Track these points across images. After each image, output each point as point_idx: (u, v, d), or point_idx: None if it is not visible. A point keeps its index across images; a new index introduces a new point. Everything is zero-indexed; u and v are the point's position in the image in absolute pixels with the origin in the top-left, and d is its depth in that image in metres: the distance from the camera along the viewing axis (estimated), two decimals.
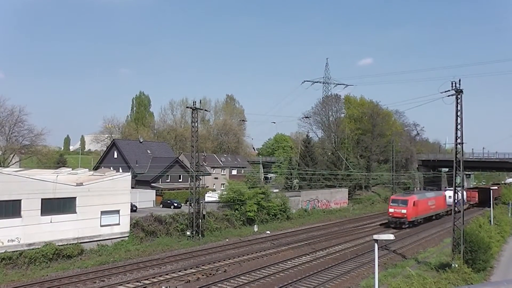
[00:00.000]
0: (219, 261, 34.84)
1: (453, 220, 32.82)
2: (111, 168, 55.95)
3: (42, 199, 33.35)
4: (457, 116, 31.92)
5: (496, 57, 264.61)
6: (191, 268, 32.19)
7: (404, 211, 53.64)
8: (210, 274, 30.93)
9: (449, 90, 31.48)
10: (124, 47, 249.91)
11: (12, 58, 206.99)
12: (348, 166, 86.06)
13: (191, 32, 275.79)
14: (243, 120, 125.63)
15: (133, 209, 47.05)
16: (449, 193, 63.74)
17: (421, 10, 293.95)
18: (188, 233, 43.04)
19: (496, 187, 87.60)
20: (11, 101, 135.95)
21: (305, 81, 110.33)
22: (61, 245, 33.55)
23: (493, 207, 54.44)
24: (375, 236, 16.98)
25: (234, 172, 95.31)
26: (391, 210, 55.04)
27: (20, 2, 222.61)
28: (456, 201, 56.31)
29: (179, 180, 71.91)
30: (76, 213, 35.46)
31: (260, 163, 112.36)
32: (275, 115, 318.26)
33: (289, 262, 34.84)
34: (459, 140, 32.33)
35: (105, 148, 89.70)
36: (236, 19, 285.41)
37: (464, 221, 33.50)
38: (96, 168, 69.16)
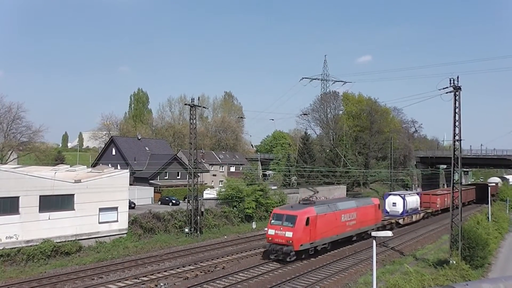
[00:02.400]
0: (217, 258, 34.88)
1: (451, 217, 32.86)
2: (109, 165, 56.02)
3: (40, 196, 33.29)
4: (455, 113, 31.93)
5: (494, 54, 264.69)
6: (189, 265, 32.21)
7: (289, 234, 32.98)
8: (209, 271, 30.95)
9: (447, 87, 31.50)
10: (123, 44, 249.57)
11: (10, 55, 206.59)
12: (346, 163, 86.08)
13: (190, 29, 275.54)
14: (241, 117, 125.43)
15: (131, 206, 46.96)
16: (393, 199, 55.62)
17: (420, 7, 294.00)
18: (186, 230, 43.05)
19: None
20: (9, 98, 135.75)
21: (303, 78, 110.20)
22: (59, 242, 33.53)
23: (491, 204, 54.47)
24: (373, 233, 17.03)
25: (233, 169, 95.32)
26: (271, 231, 34.20)
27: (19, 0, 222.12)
28: (405, 209, 53.76)
29: (178, 177, 71.85)
30: (74, 210, 35.41)
31: (258, 160, 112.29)
32: (273, 112, 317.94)
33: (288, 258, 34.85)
34: (457, 137, 32.34)
35: (103, 145, 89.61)
36: (234, 16, 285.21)
37: (462, 218, 33.53)
38: (94, 165, 69.07)
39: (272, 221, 34.88)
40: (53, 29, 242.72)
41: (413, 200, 57.72)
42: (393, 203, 54.88)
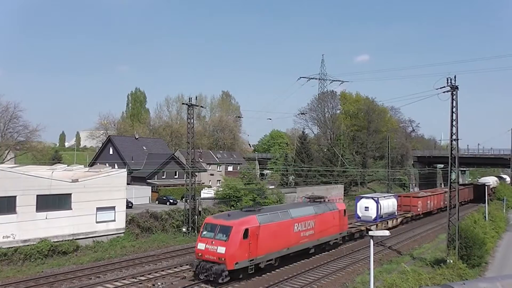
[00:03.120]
0: None
1: (448, 216, 32.92)
2: (107, 165, 55.86)
3: (37, 196, 33.22)
4: (452, 112, 31.98)
5: (492, 53, 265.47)
6: (186, 265, 32.15)
7: (222, 249, 26.76)
8: None
9: (444, 87, 31.53)
10: (120, 43, 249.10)
11: (7, 54, 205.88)
12: (343, 163, 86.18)
13: (187, 28, 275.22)
14: (239, 117, 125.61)
15: (129, 205, 46.96)
16: (366, 202, 48.36)
17: (418, 7, 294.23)
18: (184, 229, 43.04)
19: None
20: (6, 97, 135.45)
21: (301, 77, 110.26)
22: (57, 242, 33.47)
23: (488, 204, 54.53)
24: (371, 233, 17.06)
25: (230, 168, 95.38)
26: (200, 246, 27.89)
27: None
28: (378, 214, 47.35)
29: (175, 177, 71.84)
30: (71, 209, 35.34)
31: (256, 160, 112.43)
32: (271, 111, 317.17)
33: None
34: (454, 137, 32.38)
35: (100, 145, 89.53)
36: (232, 15, 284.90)
37: (459, 217, 33.59)
38: (91, 165, 68.94)
39: (204, 232, 28.37)
40: (50, 28, 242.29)
41: (389, 203, 49.93)
42: (365, 207, 47.48)
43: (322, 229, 35.50)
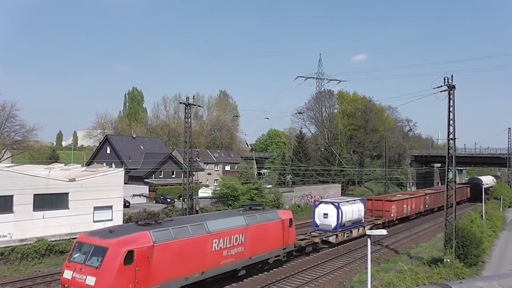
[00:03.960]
0: None
1: (445, 215, 32.99)
2: (104, 164, 55.81)
3: (34, 195, 33.14)
4: (449, 111, 32.03)
5: (489, 53, 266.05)
6: None
7: (91, 280, 18.89)
8: None
9: (441, 86, 31.59)
10: (117, 43, 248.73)
11: (5, 53, 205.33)
12: (341, 162, 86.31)
13: (185, 28, 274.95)
14: (236, 116, 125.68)
15: (126, 204, 46.95)
16: (325, 208, 40.46)
17: (415, 6, 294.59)
18: None
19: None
20: (3, 96, 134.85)
21: (298, 76, 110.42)
22: (54, 241, 33.41)
23: (484, 203, 54.68)
24: (368, 232, 17.07)
25: (228, 167, 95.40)
26: (67, 274, 19.96)
27: None
28: (339, 222, 39.24)
29: (172, 176, 71.83)
30: (68, 208, 35.29)
31: (253, 159, 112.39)
32: (268, 110, 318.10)
33: None
34: (451, 136, 32.45)
35: (97, 144, 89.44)
36: (230, 15, 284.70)
37: (456, 216, 33.67)
38: (88, 164, 68.95)
39: (73, 255, 20.43)
40: (48, 27, 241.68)
41: (353, 209, 42.38)
42: (324, 214, 39.99)
43: (256, 244, 27.81)
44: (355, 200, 44.95)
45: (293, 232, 32.31)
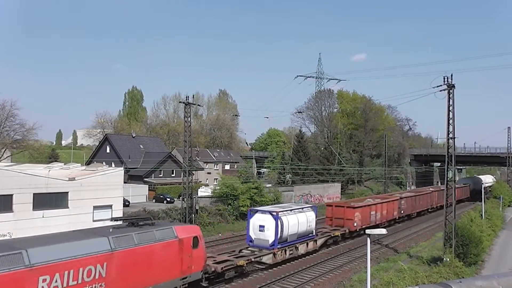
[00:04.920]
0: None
1: (445, 214, 33.00)
2: (104, 163, 55.77)
3: (34, 194, 33.11)
4: (449, 111, 32.04)
5: (489, 52, 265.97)
6: None
7: None
8: None
9: (441, 85, 31.60)
10: (117, 42, 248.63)
11: (4, 52, 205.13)
12: (340, 161, 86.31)
13: (184, 27, 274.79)
14: (236, 115, 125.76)
15: (126, 204, 46.96)
16: (261, 219, 32.07)
17: (415, 5, 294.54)
18: None
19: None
20: (2, 95, 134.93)
21: (298, 76, 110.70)
22: None
23: (484, 202, 54.65)
24: (368, 231, 17.08)
25: (227, 167, 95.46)
26: None
27: None
28: (278, 236, 30.85)
29: (172, 175, 71.85)
30: (68, 208, 35.26)
31: (253, 158, 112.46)
32: (268, 110, 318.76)
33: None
34: (451, 135, 32.46)
35: (97, 143, 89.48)
36: (229, 14, 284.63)
37: (456, 215, 33.68)
38: (88, 163, 68.93)
39: None
40: (46, 25, 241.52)
41: (300, 219, 33.99)
42: (260, 226, 31.54)
43: (130, 277, 19.95)
44: (303, 208, 36.17)
45: (200, 255, 23.73)
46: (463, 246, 31.12)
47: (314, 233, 36.02)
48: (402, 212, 54.19)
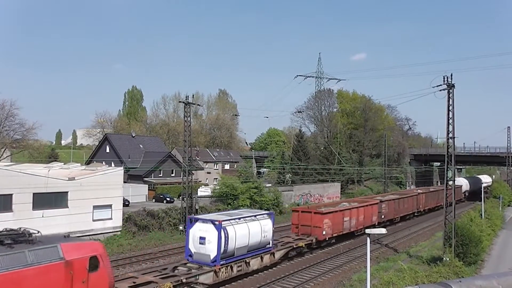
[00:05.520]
0: None
1: (445, 214, 33.02)
2: (103, 163, 55.85)
3: (33, 194, 33.16)
4: (448, 110, 32.04)
5: (488, 51, 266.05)
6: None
7: None
8: None
9: (441, 85, 31.60)
10: (117, 42, 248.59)
11: (4, 51, 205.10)
12: (340, 161, 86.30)
13: (184, 26, 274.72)
14: (235, 115, 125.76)
15: (126, 203, 46.95)
16: (202, 229, 26.63)
17: (414, 5, 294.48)
18: (180, 227, 42.97)
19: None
20: (2, 95, 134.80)
21: (298, 75, 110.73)
22: None
23: (484, 202, 54.63)
24: (368, 231, 17.09)
25: (227, 166, 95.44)
26: None
27: None
28: (220, 250, 25.61)
29: (172, 175, 71.82)
30: (68, 207, 35.31)
31: (253, 158, 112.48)
32: (268, 109, 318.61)
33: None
34: (450, 135, 32.46)
35: (97, 143, 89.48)
36: (229, 13, 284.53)
37: (456, 215, 33.69)
38: (88, 163, 68.95)
39: None
40: (46, 25, 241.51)
41: (252, 229, 28.60)
42: (201, 238, 26.42)
43: None
44: (256, 216, 30.31)
45: (101, 280, 17.85)
46: (463, 245, 31.14)
47: (271, 245, 30.62)
48: (383, 217, 48.95)
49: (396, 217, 53.17)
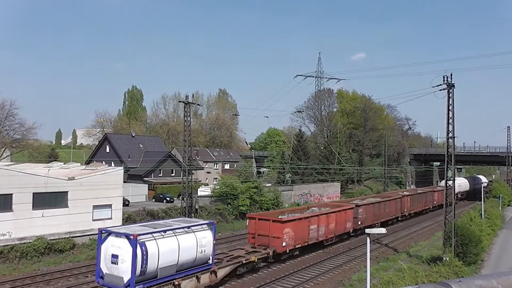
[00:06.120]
0: None
1: (445, 213, 33.04)
2: (103, 163, 55.82)
3: (33, 193, 33.16)
4: (448, 110, 32.07)
5: (488, 51, 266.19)
6: None
7: None
8: None
9: (440, 85, 31.65)
10: (117, 41, 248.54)
11: (3, 51, 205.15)
12: (340, 160, 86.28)
13: (184, 26, 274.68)
14: (235, 115, 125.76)
15: (126, 203, 46.96)
16: (115, 245, 21.01)
17: (414, 4, 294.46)
18: None
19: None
20: (2, 95, 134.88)
21: (297, 75, 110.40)
22: (53, 239, 33.41)
23: (484, 201, 54.63)
24: (367, 230, 17.11)
25: (227, 166, 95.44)
26: None
27: None
28: (135, 271, 20.12)
29: (172, 175, 71.82)
30: (68, 207, 35.29)
31: (252, 157, 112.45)
32: (267, 109, 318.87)
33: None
34: (450, 134, 32.49)
35: (97, 143, 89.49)
36: (229, 13, 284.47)
37: (456, 214, 33.71)
38: (88, 163, 68.95)
39: None
40: (46, 25, 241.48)
41: (182, 244, 23.08)
42: (113, 255, 20.98)
43: None
44: (189, 227, 24.22)
45: None
46: (463, 245, 31.16)
47: (211, 261, 25.11)
48: (359, 223, 43.75)
49: (375, 223, 47.03)
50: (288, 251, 32.51)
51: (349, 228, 41.59)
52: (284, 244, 31.64)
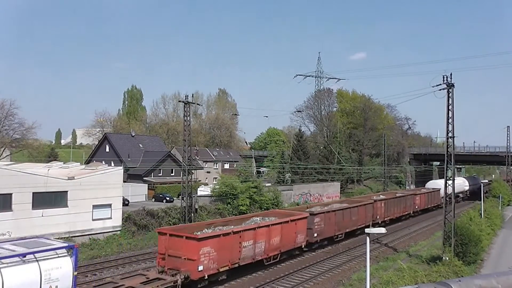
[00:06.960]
0: None
1: (444, 213, 33.05)
2: (103, 162, 55.82)
3: (33, 193, 33.16)
4: (448, 110, 32.08)
5: (488, 51, 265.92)
6: None
7: None
8: None
9: (440, 84, 31.65)
10: (116, 41, 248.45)
11: (3, 50, 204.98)
12: (340, 160, 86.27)
13: (184, 26, 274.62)
14: (235, 114, 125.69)
15: (125, 203, 46.92)
16: None
17: (414, 4, 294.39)
18: None
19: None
20: (1, 95, 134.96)
21: (297, 75, 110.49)
22: None
23: (483, 201, 54.65)
24: (367, 230, 17.12)
25: (227, 166, 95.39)
26: None
27: None
28: None
29: (171, 174, 71.77)
30: (67, 207, 35.30)
31: (252, 157, 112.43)
32: (267, 109, 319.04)
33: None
34: (450, 134, 32.50)
35: (96, 142, 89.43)
36: (228, 13, 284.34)
37: (455, 214, 33.72)
38: (87, 162, 68.88)
39: None
40: (46, 24, 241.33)
41: (7, 283, 15.85)
42: None
43: None
44: (34, 253, 17.83)
45: None
46: (462, 245, 31.18)
47: None
48: (315, 235, 36.22)
49: (338, 234, 40.12)
50: (206, 277, 24.65)
51: (300, 242, 34.05)
52: (201, 268, 24.14)
